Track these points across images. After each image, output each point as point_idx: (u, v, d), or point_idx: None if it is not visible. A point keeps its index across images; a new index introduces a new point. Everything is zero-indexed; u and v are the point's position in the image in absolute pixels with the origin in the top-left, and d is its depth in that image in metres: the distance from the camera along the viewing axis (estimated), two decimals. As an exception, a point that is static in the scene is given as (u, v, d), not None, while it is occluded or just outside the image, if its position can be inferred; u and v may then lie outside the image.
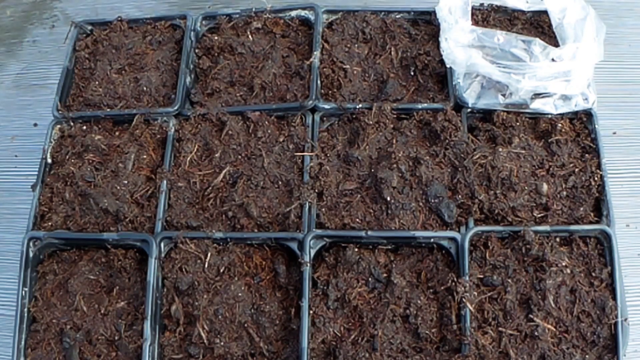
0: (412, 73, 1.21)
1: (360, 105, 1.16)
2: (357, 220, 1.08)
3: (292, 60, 1.24)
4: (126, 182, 1.15)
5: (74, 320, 1.09)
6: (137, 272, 1.11)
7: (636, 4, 1.25)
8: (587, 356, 0.98)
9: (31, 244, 1.13)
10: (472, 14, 1.17)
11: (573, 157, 1.09)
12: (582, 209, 1.06)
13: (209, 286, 1.07)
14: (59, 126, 1.23)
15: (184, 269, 1.07)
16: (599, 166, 1.08)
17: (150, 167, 1.18)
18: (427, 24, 1.25)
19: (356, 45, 1.23)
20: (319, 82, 1.19)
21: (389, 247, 1.08)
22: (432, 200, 1.07)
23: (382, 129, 1.13)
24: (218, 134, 1.18)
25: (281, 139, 1.15)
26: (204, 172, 1.16)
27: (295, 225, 1.09)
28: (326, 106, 1.16)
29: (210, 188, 1.14)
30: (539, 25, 1.20)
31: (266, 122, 1.17)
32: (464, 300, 0.99)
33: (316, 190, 1.10)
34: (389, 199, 1.06)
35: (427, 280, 1.05)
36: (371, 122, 1.13)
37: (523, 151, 1.08)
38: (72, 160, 1.19)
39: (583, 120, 1.12)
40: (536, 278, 1.01)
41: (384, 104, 1.14)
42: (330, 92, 1.21)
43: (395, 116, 1.15)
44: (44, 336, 1.10)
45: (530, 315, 0.99)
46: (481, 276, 1.03)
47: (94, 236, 1.13)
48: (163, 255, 1.09)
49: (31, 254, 1.13)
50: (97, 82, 1.26)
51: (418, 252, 1.07)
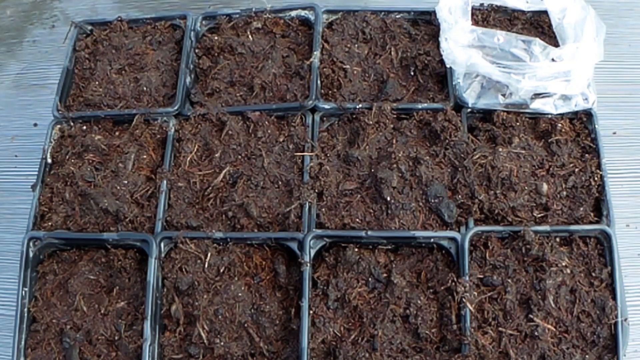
0: (412, 73, 1.21)
1: (360, 105, 1.16)
2: (357, 220, 1.08)
3: (292, 60, 1.24)
4: (126, 182, 1.15)
5: (74, 320, 1.09)
6: (137, 272, 1.11)
7: (636, 4, 1.25)
8: (587, 356, 0.98)
9: (31, 244, 1.13)
10: (472, 14, 1.17)
11: (573, 157, 1.09)
12: (582, 209, 1.06)
13: (209, 286, 1.07)
14: (59, 126, 1.23)
15: (184, 269, 1.07)
16: (599, 166, 1.08)
17: (150, 167, 1.18)
18: (427, 24, 1.25)
19: (356, 45, 1.23)
20: (319, 82, 1.19)
21: (389, 247, 1.08)
22: (432, 200, 1.07)
23: (382, 129, 1.13)
24: (218, 134, 1.18)
25: (281, 139, 1.15)
26: (204, 172, 1.16)
27: (295, 225, 1.09)
28: (326, 106, 1.16)
29: (210, 188, 1.14)
30: (539, 25, 1.20)
31: (266, 122, 1.16)
32: (464, 300, 0.99)
33: (316, 190, 1.10)
34: (389, 199, 1.06)
35: (427, 280, 1.05)
36: (371, 122, 1.13)
37: (523, 151, 1.08)
38: (72, 160, 1.19)
39: (583, 120, 1.12)
40: (536, 278, 1.01)
41: (384, 104, 1.14)
42: (330, 92, 1.21)
43: (395, 116, 1.15)
44: (44, 336, 1.10)
45: (530, 315, 0.99)
46: (481, 276, 1.03)
47: (94, 236, 1.13)
48: (163, 255, 1.09)
49: (31, 254, 1.13)
50: (97, 82, 1.26)
51: (418, 252, 1.07)
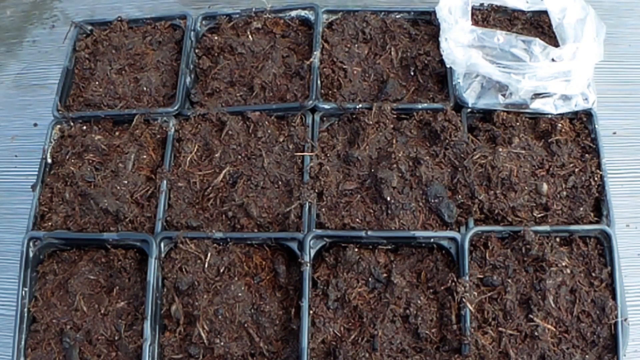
0: (412, 73, 1.21)
1: (360, 105, 1.15)
2: (357, 220, 1.08)
3: (292, 60, 1.23)
4: (126, 182, 1.15)
5: (74, 320, 1.09)
6: (137, 272, 1.11)
7: (636, 4, 1.25)
8: (587, 356, 0.98)
9: (31, 244, 1.13)
10: (472, 14, 1.17)
11: (573, 157, 1.09)
12: (582, 209, 1.06)
13: (209, 286, 1.07)
14: (59, 126, 1.23)
15: (184, 269, 1.07)
16: (599, 166, 1.08)
17: (150, 167, 1.18)
18: (427, 24, 1.25)
19: (356, 45, 1.23)
20: (319, 82, 1.19)
21: (389, 247, 1.08)
22: (432, 200, 1.07)
23: (382, 129, 1.13)
24: (218, 134, 1.17)
25: (281, 139, 1.15)
26: (204, 172, 1.16)
27: (295, 225, 1.09)
28: (326, 106, 1.16)
29: (210, 188, 1.14)
30: (539, 25, 1.20)
31: (266, 122, 1.16)
32: (464, 300, 0.99)
33: (316, 190, 1.10)
34: (389, 199, 1.06)
35: (427, 280, 1.05)
36: (371, 122, 1.13)
37: (523, 151, 1.08)
38: (72, 160, 1.19)
39: (583, 120, 1.12)
40: (536, 278, 1.01)
41: (384, 104, 1.14)
42: (330, 92, 1.20)
43: (395, 116, 1.15)
44: (44, 336, 1.10)
45: (530, 315, 0.99)
46: (481, 276, 1.03)
47: (94, 236, 1.13)
48: (163, 255, 1.09)
49: (31, 254, 1.13)
50: (97, 82, 1.26)
51: (418, 252, 1.07)
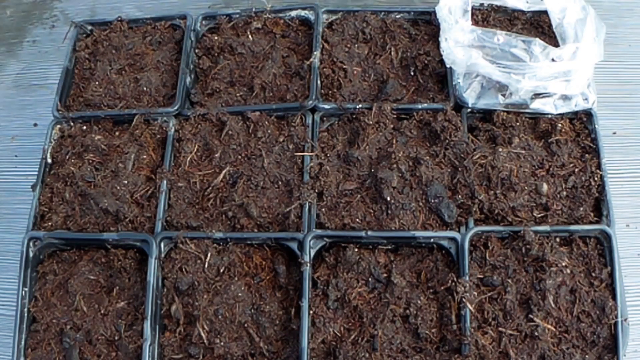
0: (412, 73, 1.21)
1: (360, 106, 1.15)
2: (357, 220, 1.08)
3: (292, 60, 1.23)
4: (126, 182, 1.15)
5: (74, 321, 1.09)
6: (137, 272, 1.11)
7: (636, 4, 1.25)
8: (587, 356, 0.98)
9: (31, 244, 1.13)
10: (472, 14, 1.17)
11: (573, 157, 1.09)
12: (582, 209, 1.06)
13: (209, 286, 1.07)
14: (59, 126, 1.23)
15: (184, 269, 1.07)
16: (599, 166, 1.07)
17: (150, 167, 1.18)
18: (427, 24, 1.25)
19: (356, 45, 1.23)
20: (319, 82, 1.19)
21: (389, 247, 1.08)
22: (432, 200, 1.07)
23: (382, 129, 1.13)
24: (218, 134, 1.17)
25: (281, 139, 1.15)
26: (204, 172, 1.16)
27: (295, 225, 1.09)
28: (326, 106, 1.16)
29: (210, 188, 1.14)
30: (539, 25, 1.20)
31: (266, 122, 1.16)
32: (464, 300, 0.99)
33: (316, 190, 1.10)
34: (389, 199, 1.06)
35: (427, 281, 1.05)
36: (371, 122, 1.13)
37: (523, 151, 1.08)
38: (72, 160, 1.19)
39: (583, 120, 1.12)
40: (536, 278, 1.01)
41: (384, 104, 1.14)
42: (330, 92, 1.20)
43: (395, 116, 1.15)
44: (44, 336, 1.10)
45: (530, 316, 0.99)
46: (481, 276, 1.03)
47: (94, 236, 1.13)
48: (163, 255, 1.09)
49: (31, 254, 1.13)
50: (97, 83, 1.26)
51: (418, 252, 1.07)
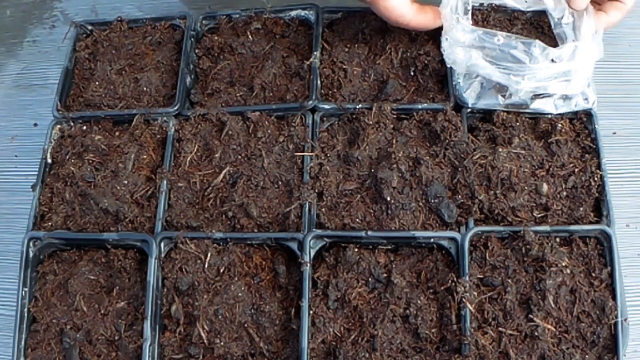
0: (412, 73, 1.21)
1: (360, 106, 1.15)
2: (357, 220, 1.08)
3: (292, 60, 1.23)
4: (126, 182, 1.15)
5: (74, 321, 1.09)
6: (137, 272, 1.11)
7: (636, 4, 1.24)
8: (587, 356, 0.98)
9: (31, 244, 1.13)
10: (472, 14, 1.17)
11: (573, 157, 1.09)
12: (582, 209, 1.06)
13: (209, 286, 1.07)
14: (59, 126, 1.23)
15: (184, 269, 1.07)
16: (599, 166, 1.07)
17: (150, 167, 1.18)
18: (427, 24, 1.25)
19: (356, 46, 1.23)
20: (319, 82, 1.19)
21: (389, 247, 1.08)
22: (432, 201, 1.07)
23: (382, 129, 1.13)
24: (218, 134, 1.17)
25: (281, 139, 1.15)
26: (204, 172, 1.16)
27: (295, 226, 1.09)
28: (326, 106, 1.16)
29: (210, 188, 1.14)
30: (539, 26, 1.20)
31: (266, 122, 1.16)
32: (464, 300, 0.99)
33: (316, 191, 1.10)
34: (389, 199, 1.06)
35: (427, 281, 1.05)
36: (371, 122, 1.13)
37: (523, 151, 1.08)
38: (72, 161, 1.19)
39: (583, 121, 1.12)
40: (536, 278, 1.01)
41: (384, 104, 1.14)
42: (330, 92, 1.20)
43: (395, 116, 1.15)
44: (44, 336, 1.10)
45: (530, 316, 0.99)
46: (481, 276, 1.03)
47: (94, 236, 1.13)
48: (163, 255, 1.09)
49: (31, 254, 1.13)
50: (97, 83, 1.26)
51: (418, 252, 1.07)
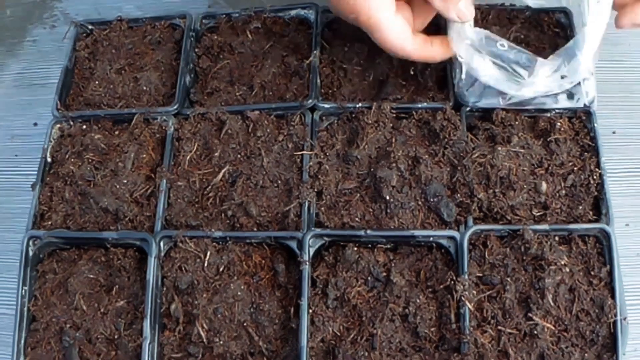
0: (412, 72, 1.21)
1: (359, 105, 1.15)
2: (357, 219, 1.08)
3: (292, 59, 1.23)
4: (126, 181, 1.15)
5: (73, 319, 1.09)
6: (136, 271, 1.11)
7: (636, 3, 1.24)
8: (586, 355, 0.98)
9: (31, 243, 1.13)
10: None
11: (572, 155, 1.09)
12: (581, 207, 1.06)
13: (208, 285, 1.07)
14: (58, 125, 1.23)
15: (183, 268, 1.07)
16: (598, 165, 1.07)
17: (150, 167, 1.18)
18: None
19: (356, 45, 1.23)
20: (318, 81, 1.19)
21: (388, 246, 1.08)
22: (431, 199, 1.07)
23: (381, 128, 1.13)
24: (217, 133, 1.18)
25: (280, 138, 1.15)
26: (203, 171, 1.16)
27: (294, 224, 1.09)
28: (326, 105, 1.16)
29: (209, 187, 1.14)
30: (539, 24, 1.20)
31: (265, 122, 1.16)
32: (463, 299, 0.99)
33: (315, 190, 1.10)
34: (388, 198, 1.06)
35: (426, 279, 1.05)
36: (370, 122, 1.13)
37: (522, 150, 1.08)
38: (72, 160, 1.19)
39: (582, 119, 1.12)
40: (535, 277, 1.00)
41: (383, 103, 1.14)
42: (329, 91, 1.20)
43: (394, 115, 1.15)
44: (43, 335, 1.10)
45: (530, 314, 0.99)
46: (480, 275, 1.02)
47: (94, 235, 1.13)
48: (162, 254, 1.09)
49: (31, 253, 1.13)
50: (97, 82, 1.26)
51: (417, 251, 1.07)
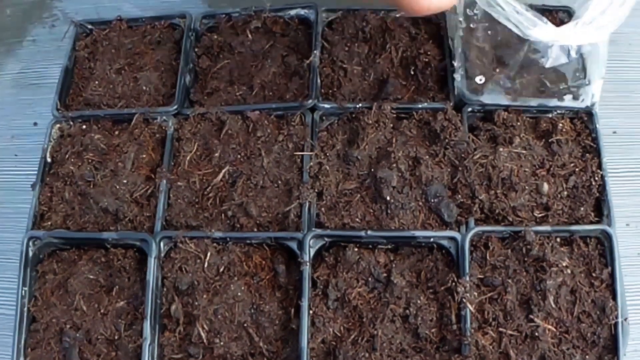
0: (412, 72, 1.21)
1: (360, 105, 1.15)
2: (357, 219, 1.08)
3: (292, 59, 1.23)
4: (125, 181, 1.15)
5: (73, 320, 1.09)
6: (136, 272, 1.11)
7: (636, 3, 1.23)
8: (587, 356, 0.97)
9: (31, 244, 1.13)
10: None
11: (574, 156, 1.09)
12: (582, 208, 1.06)
13: (208, 286, 1.06)
14: (58, 125, 1.23)
15: (183, 269, 1.07)
16: (599, 166, 1.07)
17: (150, 167, 1.18)
18: (427, 23, 1.24)
19: (356, 45, 1.23)
20: (318, 81, 1.18)
21: (389, 247, 1.07)
22: (432, 200, 1.06)
23: (381, 129, 1.13)
24: (217, 134, 1.17)
25: (280, 139, 1.15)
26: (203, 171, 1.15)
27: (294, 225, 1.09)
28: (326, 105, 1.16)
29: (209, 187, 1.14)
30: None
31: (265, 122, 1.16)
32: (464, 300, 0.99)
33: (316, 190, 1.10)
34: (388, 198, 1.06)
35: (426, 280, 1.05)
36: (371, 122, 1.12)
37: (524, 151, 1.08)
38: (72, 160, 1.18)
39: (584, 120, 1.11)
40: (536, 278, 1.00)
41: (383, 104, 1.13)
42: (330, 91, 1.20)
43: (395, 116, 1.14)
44: (43, 336, 1.10)
45: (531, 316, 0.99)
46: (481, 276, 1.02)
47: (94, 235, 1.13)
48: (162, 254, 1.09)
49: (31, 254, 1.12)
50: (96, 82, 1.26)
51: (418, 251, 1.07)
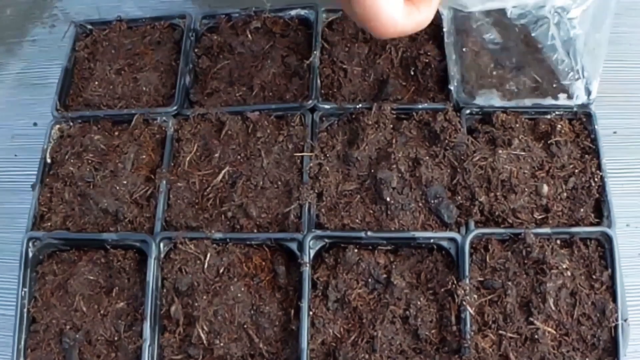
0: (412, 73, 1.20)
1: (360, 105, 1.15)
2: (357, 220, 1.08)
3: (292, 59, 1.23)
4: (125, 182, 1.15)
5: (73, 321, 1.09)
6: (136, 273, 1.11)
7: (636, 3, 1.24)
8: (587, 359, 0.97)
9: (30, 244, 1.13)
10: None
11: (573, 158, 1.09)
12: (582, 210, 1.06)
13: (208, 287, 1.06)
14: (58, 126, 1.23)
15: (183, 270, 1.07)
16: (599, 167, 1.07)
17: (150, 167, 1.17)
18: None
19: (356, 45, 1.23)
20: (318, 81, 1.18)
21: (389, 248, 1.07)
22: (432, 201, 1.06)
23: (381, 129, 1.13)
24: (217, 134, 1.17)
25: (280, 139, 1.15)
26: (203, 172, 1.15)
27: (294, 226, 1.09)
28: (326, 106, 1.16)
29: (209, 188, 1.14)
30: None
31: (265, 122, 1.16)
32: (464, 303, 0.99)
33: (315, 191, 1.10)
34: (388, 199, 1.06)
35: (426, 282, 1.05)
36: (371, 123, 1.12)
37: (523, 153, 1.08)
38: (72, 160, 1.18)
39: (583, 121, 1.11)
40: (536, 281, 1.00)
41: (383, 104, 1.13)
42: (330, 92, 1.20)
43: (394, 116, 1.14)
44: (43, 337, 1.10)
45: (531, 318, 0.98)
46: (481, 279, 1.02)
47: (94, 236, 1.13)
48: (162, 255, 1.09)
49: (31, 254, 1.12)
50: (96, 82, 1.26)
51: (418, 253, 1.07)
